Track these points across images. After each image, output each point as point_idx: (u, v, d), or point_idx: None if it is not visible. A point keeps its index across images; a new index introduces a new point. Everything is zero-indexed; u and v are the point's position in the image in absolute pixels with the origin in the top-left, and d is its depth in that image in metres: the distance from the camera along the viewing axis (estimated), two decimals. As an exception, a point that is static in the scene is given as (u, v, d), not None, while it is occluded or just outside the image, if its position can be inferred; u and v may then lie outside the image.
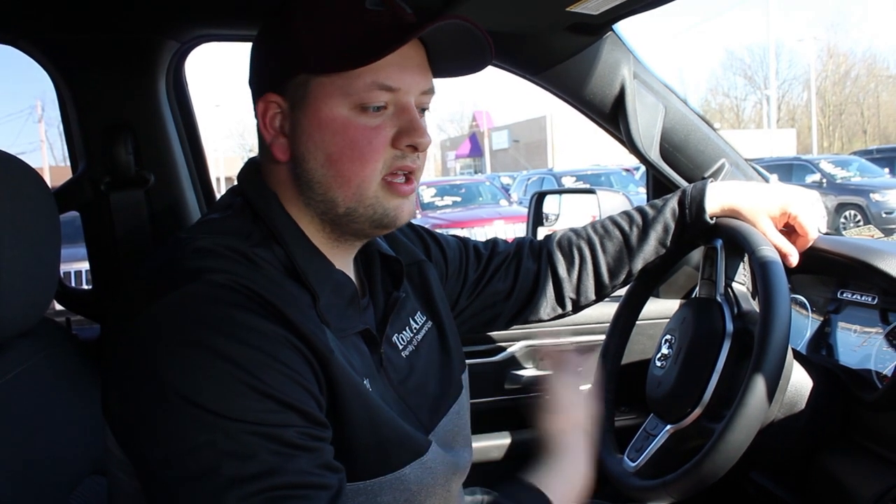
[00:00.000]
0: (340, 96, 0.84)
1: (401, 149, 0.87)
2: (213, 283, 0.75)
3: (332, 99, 0.84)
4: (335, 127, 0.85)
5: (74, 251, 4.12)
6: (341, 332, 0.86)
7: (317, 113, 0.85)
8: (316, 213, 0.89)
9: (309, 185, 0.87)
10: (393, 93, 0.85)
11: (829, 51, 49.33)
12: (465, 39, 0.89)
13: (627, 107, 1.55)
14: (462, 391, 1.07)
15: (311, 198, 0.88)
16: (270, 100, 0.87)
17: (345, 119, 0.84)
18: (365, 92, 0.84)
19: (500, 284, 1.28)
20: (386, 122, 0.86)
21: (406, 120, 0.86)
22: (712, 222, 1.27)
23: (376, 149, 0.85)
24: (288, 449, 0.70)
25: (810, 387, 1.20)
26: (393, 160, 0.87)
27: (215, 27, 1.55)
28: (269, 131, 0.88)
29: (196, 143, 1.64)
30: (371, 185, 0.86)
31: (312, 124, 0.85)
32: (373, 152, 0.85)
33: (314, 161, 0.86)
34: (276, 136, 0.88)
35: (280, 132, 0.88)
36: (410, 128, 0.86)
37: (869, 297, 1.27)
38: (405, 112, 0.87)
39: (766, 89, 42.83)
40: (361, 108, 0.84)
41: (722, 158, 1.62)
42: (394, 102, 0.86)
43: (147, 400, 0.71)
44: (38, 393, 1.06)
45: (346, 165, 0.85)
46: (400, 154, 0.87)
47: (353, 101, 0.84)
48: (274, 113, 0.88)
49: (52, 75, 1.48)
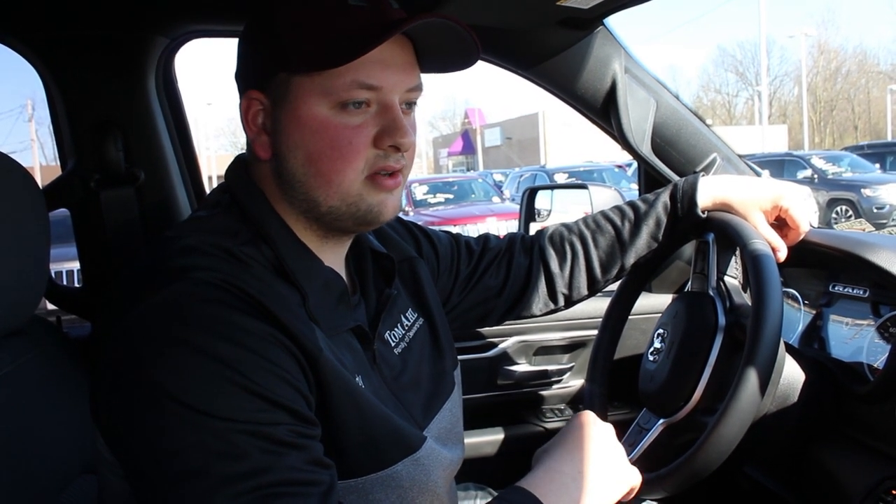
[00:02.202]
0: (320, 95, 0.83)
1: (383, 148, 0.86)
2: (200, 281, 0.75)
3: (311, 97, 0.83)
4: (315, 126, 0.84)
5: (66, 250, 4.10)
6: (331, 330, 0.86)
7: (296, 111, 0.84)
8: (300, 211, 0.88)
9: (291, 183, 0.87)
10: (375, 91, 0.84)
11: (820, 47, 49.59)
12: (451, 37, 0.88)
13: (619, 101, 1.55)
14: (454, 388, 1.07)
15: (294, 196, 0.87)
16: (253, 97, 0.87)
17: (324, 118, 0.83)
18: (345, 91, 0.83)
19: (491, 280, 1.28)
20: (368, 121, 0.85)
21: (389, 119, 0.85)
22: (704, 216, 1.27)
23: (357, 148, 0.84)
24: (278, 447, 0.70)
25: (802, 380, 1.20)
26: (375, 160, 0.86)
27: (205, 23, 1.54)
28: (252, 128, 0.88)
29: (186, 140, 1.63)
30: (353, 183, 0.85)
31: (292, 123, 0.84)
32: (353, 152, 0.84)
33: (294, 160, 0.85)
34: (259, 134, 0.87)
35: (262, 130, 0.87)
36: (393, 127, 0.85)
37: (860, 290, 1.27)
38: (388, 111, 0.85)
39: (757, 85, 43.00)
40: (342, 106, 0.83)
41: (713, 153, 1.62)
42: (377, 101, 0.85)
43: (135, 401, 0.71)
44: (29, 392, 1.05)
45: (326, 165, 0.84)
46: (382, 154, 0.86)
47: (333, 99, 0.83)
48: (256, 110, 0.87)
49: (40, 72, 1.47)
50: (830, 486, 1.20)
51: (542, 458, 0.89)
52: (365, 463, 0.84)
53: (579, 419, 0.93)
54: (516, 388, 1.89)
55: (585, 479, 0.86)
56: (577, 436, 0.91)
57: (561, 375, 1.91)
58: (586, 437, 0.90)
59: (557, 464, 0.87)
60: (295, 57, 0.83)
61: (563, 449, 0.89)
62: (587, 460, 0.88)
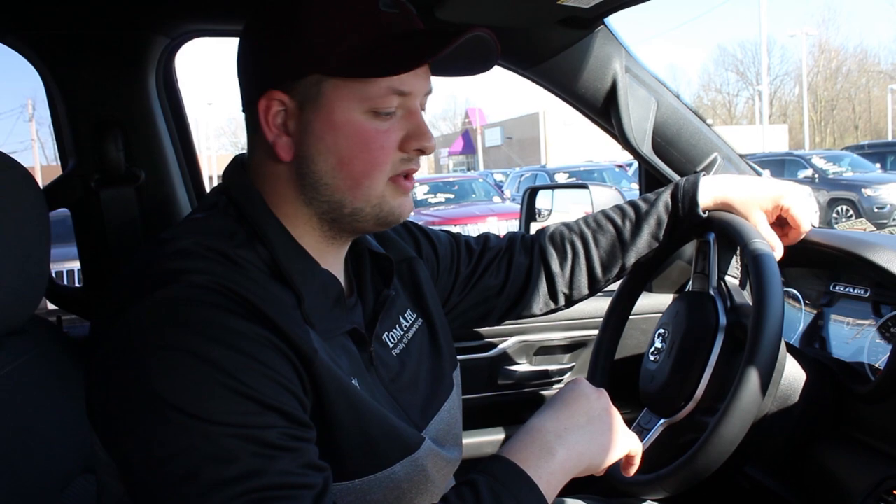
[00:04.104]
0: (356, 101, 0.83)
1: (408, 152, 0.87)
2: (193, 284, 0.74)
3: (346, 102, 0.83)
4: (348, 131, 0.84)
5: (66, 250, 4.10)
6: (327, 333, 0.85)
7: (330, 115, 0.84)
8: (317, 211, 0.88)
9: (315, 185, 0.86)
10: (404, 97, 0.86)
11: (821, 46, 49.59)
12: (475, 47, 0.89)
13: (619, 101, 1.55)
14: (453, 389, 1.07)
15: (315, 198, 0.87)
16: (274, 97, 0.85)
17: (359, 123, 0.84)
18: (380, 97, 0.84)
19: (492, 280, 1.27)
20: (395, 126, 0.86)
21: (414, 124, 0.87)
22: (705, 216, 1.27)
23: (387, 152, 0.86)
24: (270, 450, 0.70)
25: (803, 380, 1.20)
26: (400, 163, 0.88)
27: (205, 22, 1.54)
28: (272, 130, 0.85)
29: (187, 140, 1.63)
30: (379, 186, 0.87)
31: (325, 126, 0.84)
32: (384, 156, 0.86)
33: (324, 163, 0.85)
34: (280, 135, 0.86)
35: (283, 131, 0.86)
36: (419, 132, 0.87)
37: (861, 290, 1.27)
38: (413, 116, 0.88)
39: (758, 85, 43.00)
40: (374, 112, 0.84)
41: (714, 152, 1.62)
42: (403, 106, 0.87)
43: (127, 404, 0.71)
44: (29, 391, 1.05)
45: (357, 168, 0.85)
46: (406, 157, 0.88)
47: (367, 105, 0.84)
48: (277, 111, 0.85)
49: (41, 72, 1.47)
50: (831, 486, 1.20)
51: (528, 420, 0.87)
52: (363, 464, 0.84)
53: (571, 383, 0.91)
54: (517, 388, 1.89)
55: (571, 436, 0.83)
56: (566, 396, 0.89)
57: (561, 375, 1.91)
58: (574, 396, 0.88)
59: (540, 422, 0.85)
60: (334, 60, 0.82)
61: (550, 408, 0.87)
62: (574, 418, 0.85)
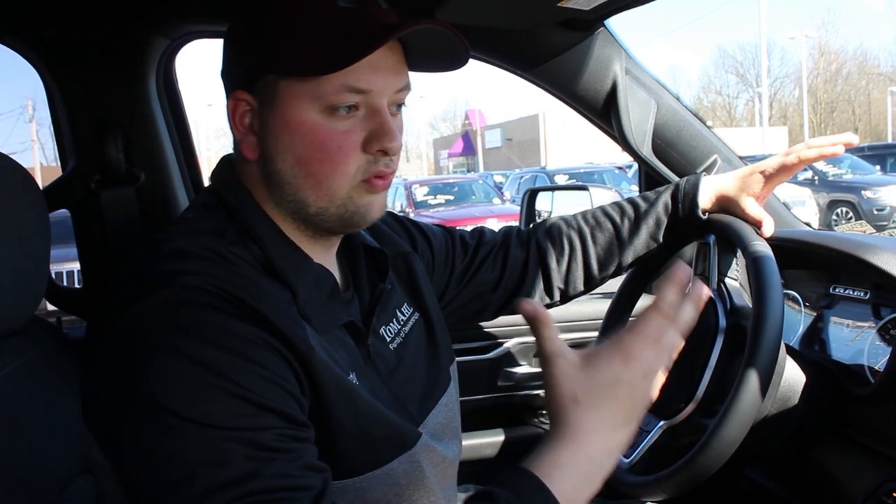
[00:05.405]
0: (309, 99, 0.82)
1: (372, 153, 0.85)
2: (188, 286, 0.74)
3: (300, 101, 0.82)
4: (303, 130, 0.83)
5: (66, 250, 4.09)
6: (323, 326, 0.85)
7: (284, 115, 0.83)
8: (287, 211, 0.88)
9: (279, 184, 0.86)
10: (364, 94, 0.83)
11: (821, 48, 49.60)
12: (442, 39, 0.87)
13: (619, 103, 1.55)
14: (451, 383, 1.07)
15: (282, 197, 0.87)
16: (240, 98, 0.86)
17: (313, 122, 0.83)
18: (334, 95, 0.82)
19: (487, 274, 1.27)
20: (356, 125, 0.84)
21: (377, 123, 0.85)
22: (705, 217, 1.27)
23: (346, 153, 0.84)
24: (266, 452, 0.69)
25: (803, 382, 1.20)
26: (367, 166, 0.85)
27: (205, 23, 1.54)
28: (239, 129, 0.87)
29: (187, 141, 1.63)
30: (343, 187, 0.85)
31: (280, 126, 0.84)
32: (343, 156, 0.84)
33: (283, 162, 0.85)
34: (246, 135, 0.87)
35: (249, 130, 0.86)
36: (381, 132, 0.84)
37: (861, 292, 1.27)
38: (376, 115, 0.85)
39: (758, 87, 43.02)
40: (331, 110, 0.83)
41: (714, 154, 1.62)
42: (365, 104, 0.84)
43: (123, 407, 0.70)
44: (28, 392, 1.05)
45: (315, 168, 0.84)
46: (372, 159, 0.85)
47: (322, 103, 0.82)
48: (244, 111, 0.86)
49: (41, 72, 1.47)
50: (831, 488, 1.19)
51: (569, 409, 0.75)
52: (362, 462, 0.84)
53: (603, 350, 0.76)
54: (517, 390, 1.89)
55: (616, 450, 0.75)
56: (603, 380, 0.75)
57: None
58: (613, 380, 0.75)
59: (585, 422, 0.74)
60: (283, 60, 0.82)
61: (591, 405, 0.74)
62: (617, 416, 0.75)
